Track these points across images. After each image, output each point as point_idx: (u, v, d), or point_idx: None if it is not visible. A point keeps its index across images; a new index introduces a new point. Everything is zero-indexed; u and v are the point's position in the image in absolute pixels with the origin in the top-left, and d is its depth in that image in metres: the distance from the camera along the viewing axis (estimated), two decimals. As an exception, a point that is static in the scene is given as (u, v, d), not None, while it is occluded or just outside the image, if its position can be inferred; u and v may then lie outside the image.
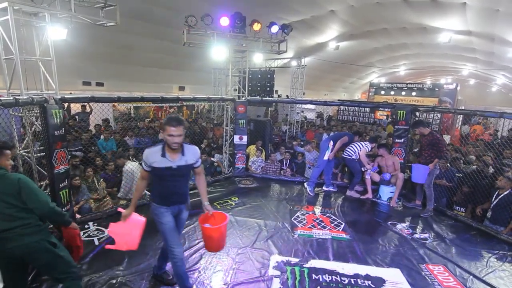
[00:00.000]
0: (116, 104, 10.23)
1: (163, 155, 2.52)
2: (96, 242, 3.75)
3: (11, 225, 2.12)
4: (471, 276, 3.32)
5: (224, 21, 6.03)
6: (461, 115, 10.14)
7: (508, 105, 19.70)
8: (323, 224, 4.51)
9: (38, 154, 3.85)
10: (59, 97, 3.81)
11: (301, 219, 4.65)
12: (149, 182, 2.75)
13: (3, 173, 2.19)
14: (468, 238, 4.24)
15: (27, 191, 2.15)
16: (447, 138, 8.66)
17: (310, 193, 5.77)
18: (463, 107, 14.88)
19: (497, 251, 3.88)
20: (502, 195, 4.25)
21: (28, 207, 2.16)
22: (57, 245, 2.31)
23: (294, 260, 3.51)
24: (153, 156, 2.52)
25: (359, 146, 5.63)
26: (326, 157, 5.72)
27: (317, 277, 3.18)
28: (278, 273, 3.24)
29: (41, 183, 3.89)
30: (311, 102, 7.78)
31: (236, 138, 6.64)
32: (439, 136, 4.91)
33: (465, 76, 25.15)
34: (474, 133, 9.38)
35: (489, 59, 15.55)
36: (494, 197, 4.36)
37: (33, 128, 3.83)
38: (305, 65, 10.64)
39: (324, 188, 6.02)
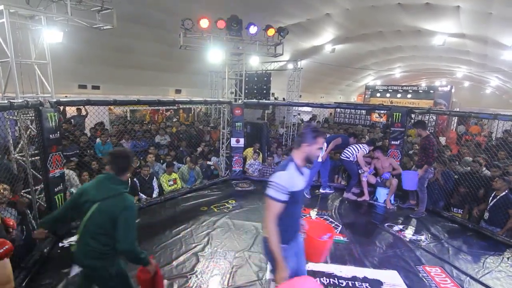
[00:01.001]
0: (112, 107, 10.19)
1: (301, 172, 2.11)
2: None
3: (88, 241, 2.05)
4: (468, 277, 3.34)
5: (221, 24, 6.05)
6: (456, 117, 10.23)
7: (502, 107, 19.88)
8: (320, 226, 4.50)
9: (33, 158, 3.82)
10: (55, 100, 3.79)
11: (299, 221, 4.64)
12: None
13: (122, 192, 2.08)
14: (464, 240, 4.26)
15: (122, 223, 2.00)
16: (442, 140, 8.72)
17: (306, 196, 5.77)
18: (457, 109, 15.01)
19: (494, 252, 3.90)
20: (498, 197, 4.28)
21: (112, 235, 2.03)
22: (113, 277, 2.14)
23: (291, 263, 3.50)
24: (294, 178, 2.03)
25: (357, 148, 5.66)
26: (319, 159, 5.75)
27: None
28: (275, 276, 3.23)
29: (36, 187, 3.85)
30: (307, 105, 7.81)
31: (233, 141, 6.63)
32: (433, 141, 4.86)
33: (460, 78, 25.38)
34: (468, 135, 9.44)
35: (483, 62, 15.70)
36: (490, 198, 4.38)
37: (28, 132, 3.79)
38: (302, 68, 10.67)
39: (321, 190, 6.03)
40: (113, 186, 2.07)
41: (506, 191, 4.24)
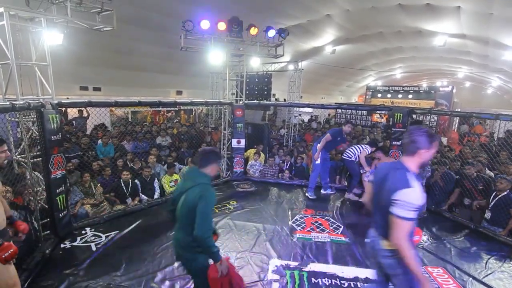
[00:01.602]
0: (113, 108, 10.21)
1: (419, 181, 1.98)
2: (93, 248, 3.72)
3: (179, 233, 2.26)
4: (471, 278, 3.32)
5: (221, 25, 6.06)
6: (458, 117, 10.22)
7: (504, 107, 19.83)
8: (322, 227, 4.49)
9: (35, 160, 3.82)
10: (56, 102, 3.79)
11: (300, 222, 4.64)
12: None
13: (203, 182, 2.23)
14: (466, 240, 4.24)
15: (199, 210, 2.13)
16: (444, 140, 8.69)
17: (310, 197, 5.75)
18: (459, 109, 14.97)
19: (496, 253, 3.88)
20: (500, 196, 4.24)
21: (193, 225, 2.15)
22: (197, 271, 2.30)
23: (293, 263, 3.49)
24: (420, 192, 1.89)
25: (359, 149, 5.64)
26: (318, 161, 5.73)
27: (316, 281, 3.16)
28: (277, 277, 3.23)
29: (38, 188, 3.85)
30: (308, 105, 7.79)
31: (234, 142, 6.63)
32: None
33: (461, 79, 25.36)
34: (471, 136, 9.42)
35: (484, 62, 15.69)
36: (492, 198, 4.36)
37: (29, 133, 3.80)
38: (302, 69, 10.68)
39: (322, 191, 6.01)
40: (195, 177, 2.28)
41: (508, 190, 4.21)
